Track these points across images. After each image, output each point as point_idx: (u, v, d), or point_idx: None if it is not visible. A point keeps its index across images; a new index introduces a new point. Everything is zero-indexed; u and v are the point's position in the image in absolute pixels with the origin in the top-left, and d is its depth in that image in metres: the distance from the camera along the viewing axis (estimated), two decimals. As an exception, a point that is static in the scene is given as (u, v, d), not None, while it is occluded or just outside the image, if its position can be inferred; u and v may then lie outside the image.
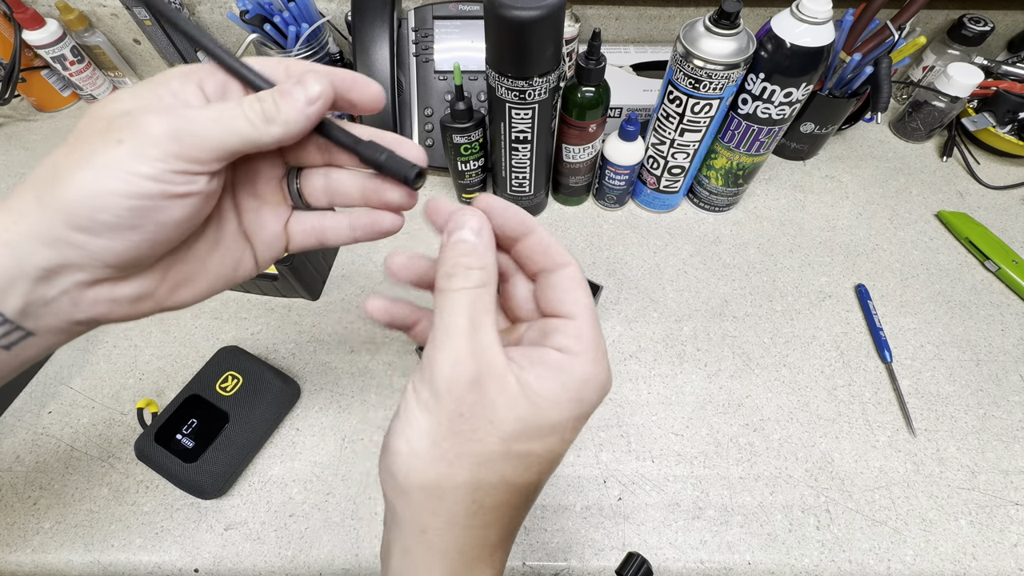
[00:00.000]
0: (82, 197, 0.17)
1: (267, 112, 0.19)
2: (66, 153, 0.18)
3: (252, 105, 0.19)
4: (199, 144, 0.18)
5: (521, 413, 0.18)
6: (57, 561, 0.40)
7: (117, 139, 0.17)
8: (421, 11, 0.59)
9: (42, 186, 0.17)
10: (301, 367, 0.49)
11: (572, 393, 0.19)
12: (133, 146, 0.17)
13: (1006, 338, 0.51)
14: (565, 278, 0.21)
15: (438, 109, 0.59)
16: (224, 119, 0.18)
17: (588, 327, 0.20)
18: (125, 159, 0.17)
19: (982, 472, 0.44)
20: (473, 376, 0.18)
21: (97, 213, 0.17)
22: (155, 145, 0.17)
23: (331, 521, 0.41)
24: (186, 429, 0.41)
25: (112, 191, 0.17)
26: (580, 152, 0.53)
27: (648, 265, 0.57)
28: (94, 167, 0.17)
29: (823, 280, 0.56)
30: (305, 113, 0.19)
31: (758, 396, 0.48)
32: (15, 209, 0.17)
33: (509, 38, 0.40)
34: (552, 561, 0.40)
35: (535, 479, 0.20)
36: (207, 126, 0.18)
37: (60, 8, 0.63)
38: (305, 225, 0.25)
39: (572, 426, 0.20)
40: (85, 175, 0.17)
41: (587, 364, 0.20)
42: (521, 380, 0.19)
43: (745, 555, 0.40)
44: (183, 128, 0.18)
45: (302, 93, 0.19)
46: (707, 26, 0.42)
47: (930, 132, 0.67)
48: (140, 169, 0.17)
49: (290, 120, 0.19)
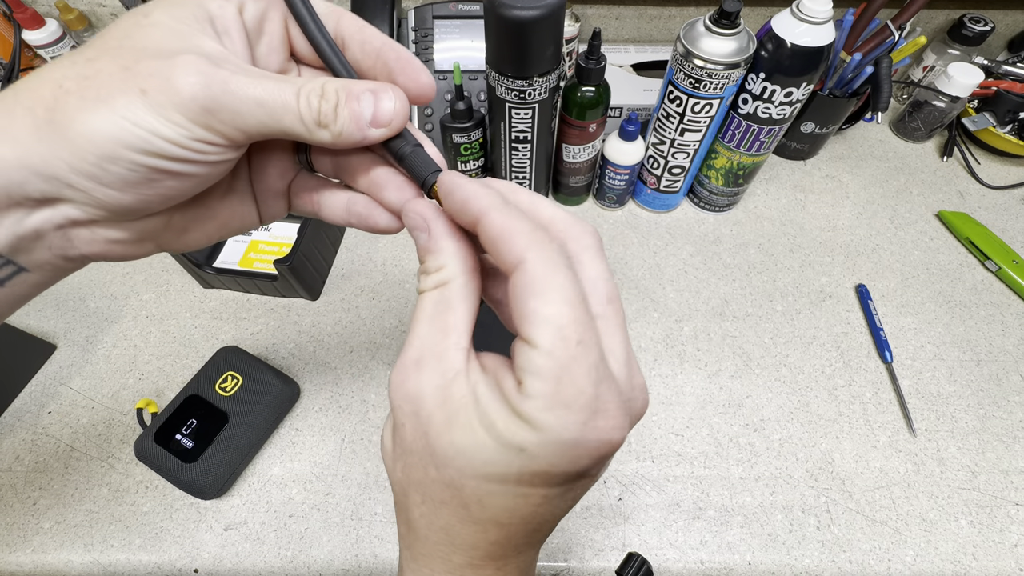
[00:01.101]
0: (91, 144, 0.15)
1: (324, 116, 0.17)
2: (76, 80, 0.15)
3: (310, 102, 0.16)
4: (234, 122, 0.16)
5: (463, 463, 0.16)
6: (57, 561, 0.40)
7: (141, 88, 0.15)
8: (421, 11, 0.59)
9: (41, 111, 0.15)
10: (301, 367, 0.49)
11: (516, 437, 0.15)
12: (159, 102, 0.15)
13: (1006, 338, 0.51)
14: (516, 285, 0.15)
15: (438, 109, 0.59)
16: (271, 105, 0.16)
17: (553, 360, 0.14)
18: (146, 115, 0.15)
19: (982, 472, 0.44)
20: (412, 390, 0.16)
21: (106, 163, 0.15)
22: (183, 109, 0.15)
23: (331, 521, 0.41)
24: (186, 429, 0.41)
25: (127, 144, 0.15)
26: (580, 152, 0.53)
27: (648, 265, 0.57)
28: (109, 112, 0.15)
29: (823, 280, 0.56)
30: (364, 134, 0.17)
31: (758, 396, 0.48)
32: (4, 129, 0.15)
33: (509, 38, 0.40)
34: (552, 561, 0.40)
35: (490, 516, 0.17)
36: (248, 107, 0.16)
37: (60, 8, 0.63)
38: (304, 189, 0.22)
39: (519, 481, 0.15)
40: (98, 120, 0.14)
41: (540, 411, 0.14)
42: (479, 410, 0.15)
43: (745, 555, 0.40)
44: (220, 100, 0.15)
45: (370, 109, 0.17)
46: (707, 26, 0.42)
47: (930, 132, 0.67)
48: (162, 130, 0.15)
49: (344, 133, 0.17)
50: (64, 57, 0.16)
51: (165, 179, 0.16)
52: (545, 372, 0.14)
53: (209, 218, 0.21)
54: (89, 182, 0.15)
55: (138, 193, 0.16)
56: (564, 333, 0.14)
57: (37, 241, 0.17)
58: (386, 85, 0.18)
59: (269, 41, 0.19)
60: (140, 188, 0.16)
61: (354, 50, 0.19)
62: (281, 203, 0.23)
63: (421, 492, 0.17)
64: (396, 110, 0.17)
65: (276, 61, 0.19)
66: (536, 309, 0.14)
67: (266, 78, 0.16)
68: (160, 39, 0.16)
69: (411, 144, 0.19)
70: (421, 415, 0.16)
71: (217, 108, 0.15)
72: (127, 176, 0.15)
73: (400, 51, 0.19)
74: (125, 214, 0.17)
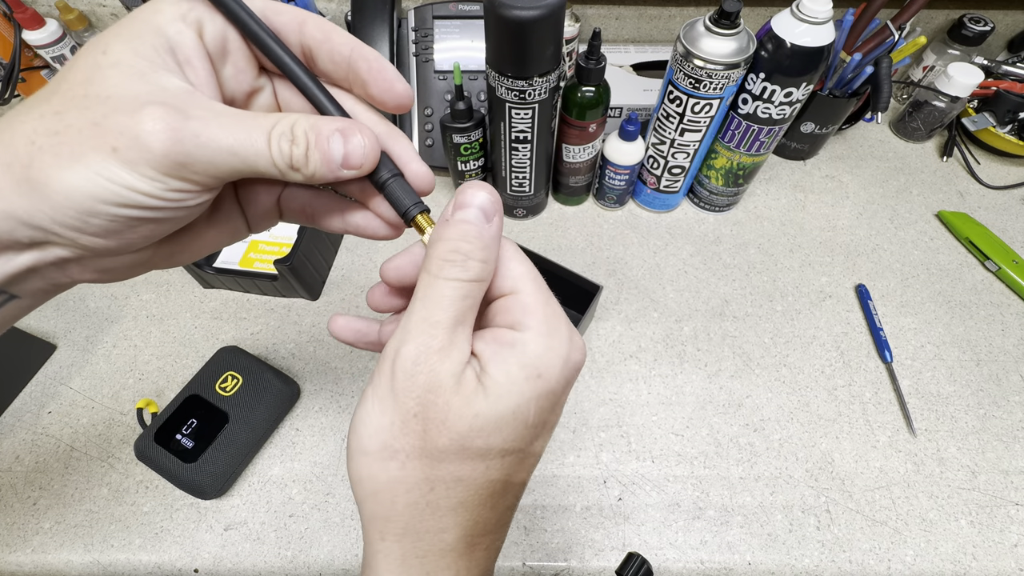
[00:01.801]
0: (70, 200, 0.15)
1: (296, 160, 0.17)
2: (47, 136, 0.15)
3: (281, 147, 0.17)
4: (207, 171, 0.16)
5: (478, 408, 0.17)
6: (57, 561, 0.40)
7: (112, 146, 0.15)
8: (421, 11, 0.59)
9: (19, 169, 0.15)
10: (301, 367, 0.49)
11: (529, 370, 0.17)
12: (130, 159, 0.15)
13: (1006, 338, 0.51)
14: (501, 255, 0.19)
15: (438, 109, 0.59)
16: (243, 154, 0.16)
17: (534, 298, 0.18)
18: (120, 171, 0.15)
19: (982, 472, 0.44)
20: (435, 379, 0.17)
21: (87, 216, 0.15)
22: (155, 164, 0.15)
23: (331, 521, 0.41)
24: (186, 429, 0.41)
25: (103, 200, 0.15)
26: (580, 152, 0.53)
27: (648, 265, 0.57)
28: (84, 170, 0.15)
29: (823, 280, 0.56)
30: (336, 175, 0.18)
31: (758, 396, 0.48)
32: None
33: (509, 38, 0.40)
34: (552, 561, 0.40)
35: (500, 476, 0.18)
36: (221, 156, 0.16)
37: (60, 8, 0.63)
38: (296, 204, 0.22)
39: (537, 408, 0.18)
40: (74, 178, 0.15)
41: (540, 336, 0.18)
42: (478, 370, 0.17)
43: (745, 555, 0.40)
44: (192, 154, 0.15)
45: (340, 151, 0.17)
46: (707, 26, 0.42)
47: (930, 132, 0.67)
48: (137, 185, 0.15)
49: (317, 175, 0.17)
50: (31, 106, 0.16)
51: (145, 225, 0.17)
52: (534, 307, 0.18)
53: (197, 239, 0.21)
54: (72, 232, 0.16)
55: (121, 238, 0.17)
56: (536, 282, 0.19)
57: (30, 274, 0.17)
58: (354, 125, 0.18)
59: (235, 61, 0.19)
60: (122, 234, 0.16)
61: (323, 61, 0.19)
62: (272, 216, 0.22)
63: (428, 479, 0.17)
64: (366, 152, 0.18)
65: (245, 81, 0.19)
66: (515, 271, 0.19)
67: (237, 122, 0.16)
68: (122, 83, 0.15)
69: (390, 172, 0.19)
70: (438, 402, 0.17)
71: (190, 161, 0.15)
72: (108, 226, 0.16)
73: (371, 58, 0.19)
74: (111, 252, 0.17)
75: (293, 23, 0.18)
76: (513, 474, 0.19)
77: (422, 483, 0.17)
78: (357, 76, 0.19)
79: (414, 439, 0.17)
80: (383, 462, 0.17)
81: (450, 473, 0.17)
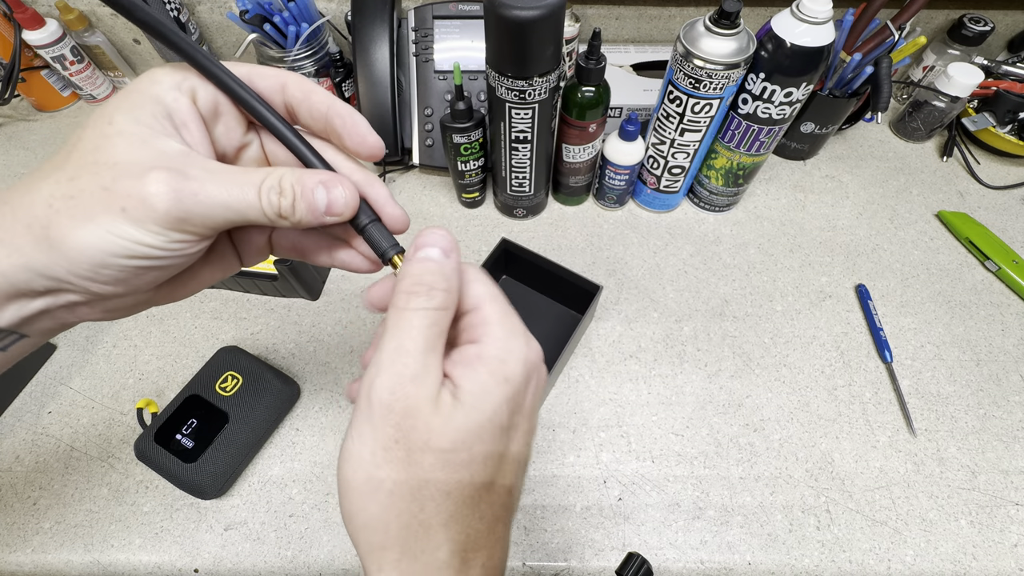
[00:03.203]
0: (84, 255, 0.17)
1: (284, 210, 0.19)
2: (63, 200, 0.17)
3: (270, 200, 0.19)
4: (204, 223, 0.18)
5: (458, 422, 0.18)
6: (57, 561, 0.40)
7: (122, 207, 0.17)
8: (421, 11, 0.59)
9: (38, 229, 0.17)
10: (301, 367, 0.49)
11: (498, 376, 0.19)
12: (137, 218, 0.17)
13: (1006, 338, 0.51)
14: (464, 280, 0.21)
15: (438, 109, 0.59)
16: (237, 207, 0.18)
17: (492, 310, 0.20)
18: (129, 228, 0.17)
19: (982, 472, 0.44)
20: (412, 404, 0.17)
21: (99, 268, 0.18)
22: (159, 221, 0.17)
23: (331, 521, 0.41)
24: (186, 429, 0.41)
25: (115, 254, 0.17)
26: (580, 152, 0.53)
27: (648, 265, 0.57)
28: (97, 229, 0.17)
29: (823, 280, 0.56)
30: (321, 221, 0.20)
31: (758, 396, 0.48)
32: (6, 242, 0.17)
33: (509, 38, 0.40)
34: (552, 561, 0.40)
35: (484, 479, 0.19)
36: (217, 210, 0.18)
37: (60, 8, 0.63)
38: (287, 242, 0.24)
39: (508, 410, 0.19)
40: (87, 235, 0.17)
41: (498, 342, 0.19)
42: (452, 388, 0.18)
43: (745, 555, 0.40)
44: (192, 211, 0.18)
45: (324, 201, 0.19)
46: (707, 26, 0.42)
47: (930, 132, 0.67)
48: (144, 239, 0.17)
49: (303, 222, 0.19)
50: (47, 172, 0.18)
51: (150, 272, 0.19)
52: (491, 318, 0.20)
53: (194, 279, 0.23)
54: (85, 282, 0.18)
55: (128, 284, 0.19)
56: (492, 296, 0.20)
57: (42, 316, 0.19)
58: (336, 178, 0.20)
59: (225, 121, 0.21)
60: (129, 281, 0.19)
61: (304, 117, 0.21)
62: (263, 252, 0.25)
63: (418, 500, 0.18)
64: (347, 201, 0.20)
65: (235, 137, 0.22)
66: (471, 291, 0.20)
67: (230, 179, 0.18)
68: (127, 150, 0.18)
69: (368, 218, 0.21)
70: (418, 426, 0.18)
71: (189, 216, 0.18)
72: (117, 276, 0.18)
73: (345, 114, 0.21)
74: (119, 296, 0.19)
75: (276, 85, 0.21)
76: (496, 476, 0.19)
77: (412, 505, 0.18)
78: (334, 130, 0.21)
79: (398, 465, 0.18)
80: (371, 494, 0.18)
81: (438, 489, 0.18)
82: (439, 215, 0.61)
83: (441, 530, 0.18)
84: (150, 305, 0.22)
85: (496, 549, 0.20)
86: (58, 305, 0.19)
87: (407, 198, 0.62)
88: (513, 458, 0.20)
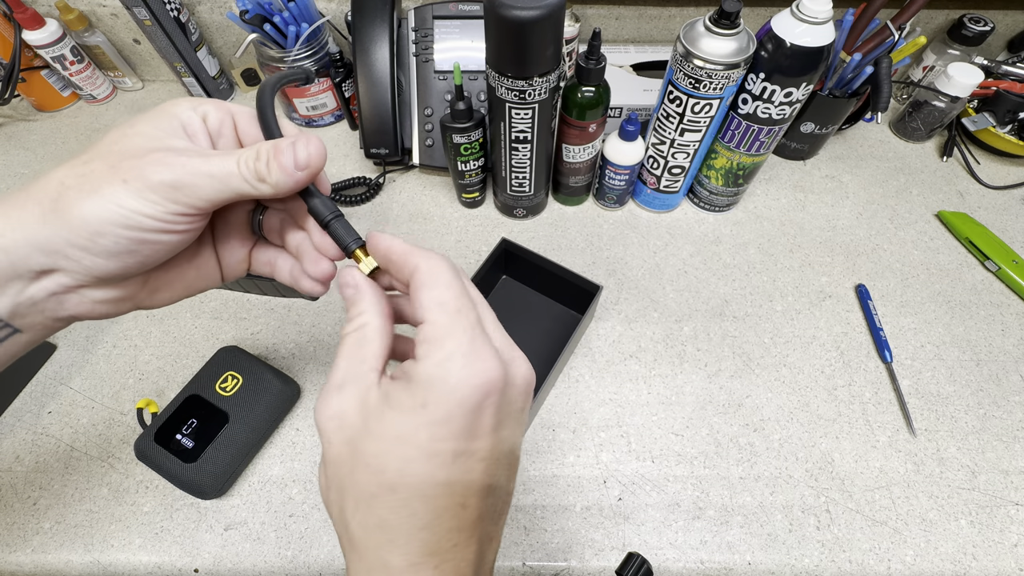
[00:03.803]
0: (85, 223, 0.19)
1: (259, 172, 0.21)
2: (75, 178, 0.19)
3: (247, 163, 0.21)
4: (196, 194, 0.20)
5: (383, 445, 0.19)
6: (57, 561, 0.40)
7: (123, 179, 0.19)
8: (421, 11, 0.59)
9: (47, 203, 0.19)
10: (301, 367, 0.49)
11: (417, 399, 0.18)
12: (137, 188, 0.19)
13: (1006, 338, 0.51)
14: (415, 284, 0.20)
15: (438, 109, 0.59)
16: (220, 175, 0.21)
17: (437, 326, 0.19)
18: (128, 198, 0.19)
19: (982, 472, 0.44)
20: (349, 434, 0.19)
21: (98, 238, 0.19)
22: (155, 190, 0.19)
23: (331, 521, 0.41)
24: (186, 429, 0.41)
25: (114, 222, 0.19)
26: (580, 152, 0.53)
27: (648, 265, 0.57)
28: (100, 199, 0.19)
29: (823, 280, 0.56)
30: (294, 178, 0.21)
31: (758, 396, 0.48)
32: (14, 217, 0.19)
33: (509, 38, 0.40)
34: (552, 561, 0.40)
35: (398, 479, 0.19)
36: (204, 180, 0.20)
37: (60, 8, 0.63)
38: (263, 257, 0.28)
39: (428, 436, 0.18)
40: (91, 204, 0.19)
41: (431, 366, 0.18)
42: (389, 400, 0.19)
43: (745, 555, 0.40)
44: (182, 180, 0.20)
45: (291, 158, 0.21)
46: (707, 26, 0.42)
47: (930, 132, 0.67)
48: (141, 208, 0.19)
49: (279, 183, 0.21)
50: (68, 161, 0.20)
51: (143, 247, 0.21)
52: (431, 336, 0.19)
53: (179, 279, 0.25)
54: (81, 252, 0.20)
55: (120, 261, 0.20)
56: (446, 307, 0.19)
57: (33, 306, 0.20)
58: (302, 136, 0.22)
59: (225, 142, 0.24)
60: (122, 257, 0.20)
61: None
62: (242, 266, 0.27)
63: (354, 497, 0.19)
64: (311, 153, 0.22)
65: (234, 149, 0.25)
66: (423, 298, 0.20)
67: (217, 155, 0.21)
68: (141, 144, 0.20)
69: (332, 213, 0.23)
70: (345, 427, 0.19)
71: (181, 185, 0.20)
72: (111, 247, 0.20)
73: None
74: (109, 279, 0.21)
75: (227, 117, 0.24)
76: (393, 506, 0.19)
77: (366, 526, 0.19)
78: None
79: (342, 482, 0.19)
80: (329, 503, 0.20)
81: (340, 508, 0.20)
82: (439, 215, 0.61)
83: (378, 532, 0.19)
84: (135, 304, 0.24)
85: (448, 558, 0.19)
86: (49, 291, 0.20)
87: (407, 198, 0.62)
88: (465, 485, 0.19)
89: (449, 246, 0.58)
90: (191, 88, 0.69)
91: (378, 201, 0.62)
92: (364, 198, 0.61)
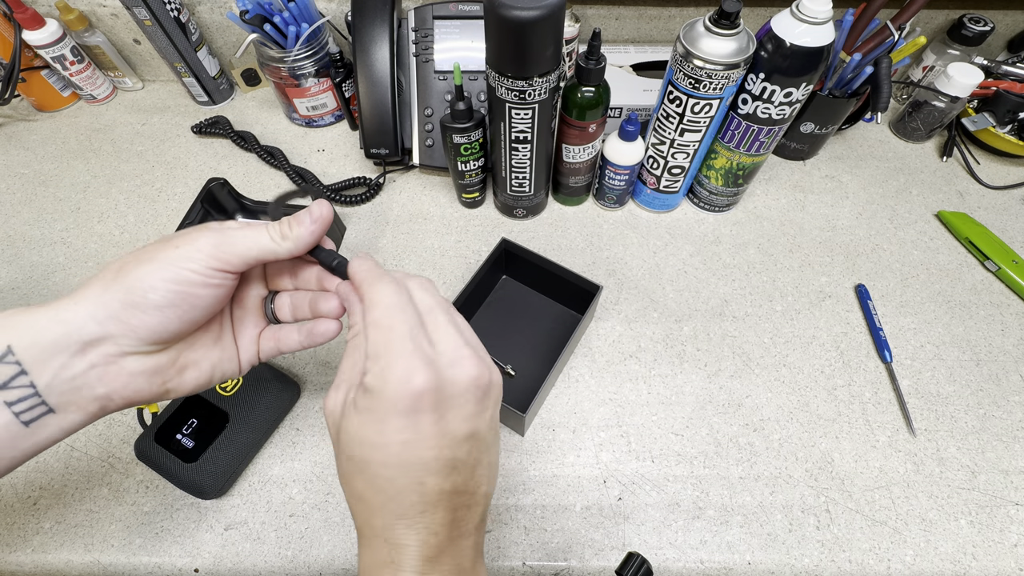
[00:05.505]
0: (140, 282, 0.23)
1: (283, 231, 0.26)
2: (135, 255, 0.24)
3: (273, 228, 0.26)
4: (233, 252, 0.25)
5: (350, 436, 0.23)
6: (57, 561, 0.40)
7: (175, 245, 0.24)
8: (421, 11, 0.59)
9: (110, 276, 0.23)
10: (301, 367, 0.49)
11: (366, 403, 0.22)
12: (185, 251, 0.24)
13: (1006, 338, 0.51)
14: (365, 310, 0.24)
15: (438, 109, 0.59)
16: (253, 236, 0.25)
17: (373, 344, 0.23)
18: (178, 258, 0.24)
19: (982, 472, 0.44)
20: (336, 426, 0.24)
21: (149, 293, 0.23)
22: (201, 251, 0.24)
23: (331, 521, 0.41)
24: (186, 429, 0.41)
25: (164, 278, 0.23)
26: (580, 152, 0.53)
27: (648, 265, 0.57)
28: (154, 262, 0.23)
29: (823, 280, 0.56)
30: (310, 230, 0.26)
31: (758, 396, 0.48)
32: (81, 296, 0.23)
33: (509, 38, 0.40)
34: (552, 561, 0.40)
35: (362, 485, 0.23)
36: (241, 240, 0.25)
37: (60, 8, 0.63)
38: (269, 336, 0.31)
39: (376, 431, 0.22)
40: (147, 267, 0.23)
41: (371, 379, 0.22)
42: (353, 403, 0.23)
43: (745, 555, 0.40)
44: (225, 242, 0.25)
45: (307, 216, 0.26)
46: (707, 26, 0.42)
47: (930, 132, 0.67)
48: (188, 265, 0.24)
49: (300, 236, 0.26)
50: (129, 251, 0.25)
51: (184, 300, 0.24)
52: (370, 352, 0.23)
53: (205, 358, 0.28)
54: (131, 311, 0.23)
55: (163, 315, 0.24)
56: (379, 325, 0.23)
57: (71, 381, 0.22)
58: (315, 204, 0.27)
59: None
60: (165, 311, 0.24)
61: None
62: (253, 349, 0.31)
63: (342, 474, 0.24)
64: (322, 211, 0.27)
65: None
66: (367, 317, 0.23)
67: (250, 227, 0.26)
68: (192, 231, 0.25)
69: (336, 259, 0.28)
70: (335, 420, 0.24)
71: (223, 247, 0.25)
72: (159, 300, 0.23)
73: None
74: (150, 339, 0.24)
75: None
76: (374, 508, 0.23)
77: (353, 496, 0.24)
78: None
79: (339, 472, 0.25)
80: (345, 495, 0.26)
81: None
82: (439, 215, 0.61)
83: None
84: (162, 383, 0.26)
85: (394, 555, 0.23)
86: (92, 363, 0.23)
87: (407, 198, 0.62)
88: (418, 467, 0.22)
89: (449, 246, 0.58)
90: (191, 88, 0.69)
91: (378, 201, 0.62)
92: (364, 198, 0.61)
